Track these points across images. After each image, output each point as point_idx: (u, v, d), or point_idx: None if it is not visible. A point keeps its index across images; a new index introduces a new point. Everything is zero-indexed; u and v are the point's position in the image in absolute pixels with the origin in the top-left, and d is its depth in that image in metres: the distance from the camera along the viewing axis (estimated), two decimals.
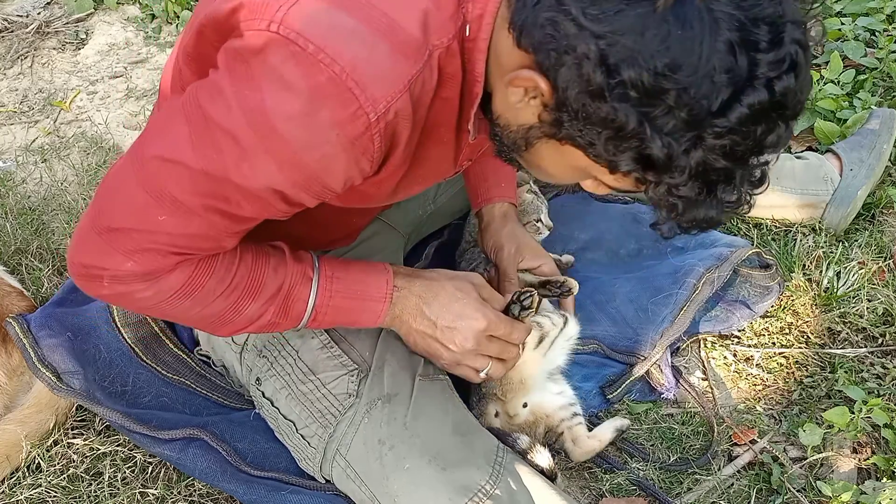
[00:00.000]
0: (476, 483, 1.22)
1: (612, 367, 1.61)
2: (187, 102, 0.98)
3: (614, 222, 1.87)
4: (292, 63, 0.89)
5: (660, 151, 0.85)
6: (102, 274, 1.05)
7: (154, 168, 0.99)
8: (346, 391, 1.31)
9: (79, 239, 1.08)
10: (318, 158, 0.94)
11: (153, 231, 1.01)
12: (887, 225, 1.88)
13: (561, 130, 0.92)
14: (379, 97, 0.91)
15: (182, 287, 1.08)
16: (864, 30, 2.32)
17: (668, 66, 0.80)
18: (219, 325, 1.16)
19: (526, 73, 0.91)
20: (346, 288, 1.21)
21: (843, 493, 1.36)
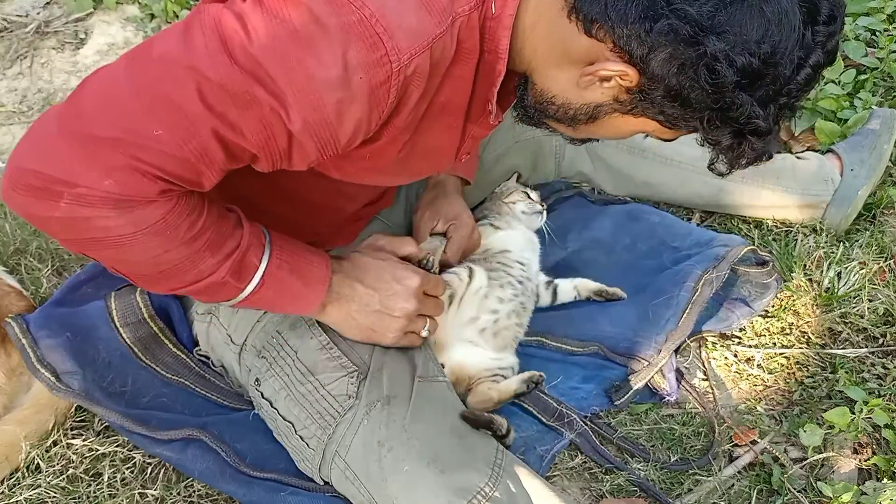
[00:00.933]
0: (475, 485, 1.21)
1: (613, 369, 1.61)
2: (203, 19, 0.93)
3: (609, 219, 1.87)
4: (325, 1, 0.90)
5: (763, 122, 0.97)
6: (64, 191, 0.92)
7: (161, 71, 0.91)
8: (345, 392, 1.31)
9: (39, 144, 0.94)
10: (336, 101, 0.93)
11: (144, 146, 0.91)
12: (888, 225, 1.88)
13: (640, 108, 1.02)
14: (403, 48, 0.92)
15: (157, 222, 0.98)
16: (865, 30, 2.32)
17: (771, 53, 0.92)
18: (168, 275, 1.07)
19: (614, 66, 0.97)
20: (292, 261, 1.18)
21: (843, 494, 1.36)
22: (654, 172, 1.89)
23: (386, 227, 1.65)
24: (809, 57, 0.95)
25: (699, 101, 0.97)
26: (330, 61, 0.91)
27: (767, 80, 0.94)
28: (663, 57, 0.93)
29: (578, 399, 1.56)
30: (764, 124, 0.97)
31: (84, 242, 1.00)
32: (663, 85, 0.96)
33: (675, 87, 0.96)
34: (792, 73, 0.95)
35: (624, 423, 1.55)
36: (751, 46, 0.92)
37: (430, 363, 1.39)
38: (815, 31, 0.94)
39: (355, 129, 0.98)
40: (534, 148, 1.89)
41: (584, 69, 1.00)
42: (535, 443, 1.49)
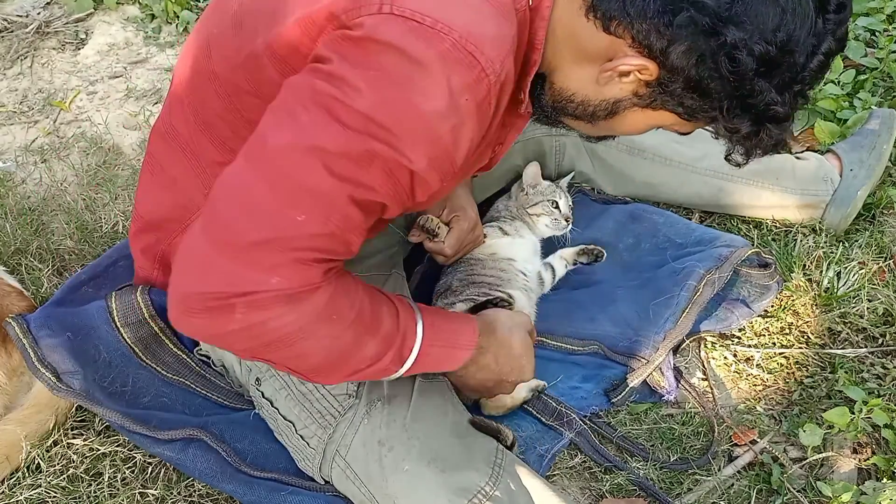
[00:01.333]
0: (475, 485, 1.22)
1: (613, 368, 1.61)
2: (300, 95, 0.96)
3: (611, 219, 1.87)
4: (413, 37, 0.92)
5: (782, 109, 1.00)
6: (237, 302, 0.95)
7: (285, 163, 0.95)
8: (345, 392, 1.31)
9: (199, 269, 0.98)
10: (450, 129, 0.96)
11: (295, 236, 0.95)
12: (887, 225, 1.88)
13: (659, 101, 1.04)
14: (495, 57, 0.95)
15: (324, 308, 1.01)
16: (865, 30, 2.32)
17: (787, 41, 0.95)
18: (338, 364, 1.09)
19: (633, 61, 0.99)
20: (442, 336, 1.20)
21: (843, 494, 1.36)
22: (654, 172, 1.89)
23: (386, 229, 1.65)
24: (822, 44, 0.97)
25: (719, 90, 0.99)
26: (436, 93, 0.93)
27: (784, 68, 0.97)
28: (682, 49, 0.96)
29: (578, 399, 1.56)
30: (782, 110, 1.00)
31: (261, 348, 1.03)
32: (683, 77, 0.99)
33: (694, 78, 0.98)
34: (806, 60, 0.97)
35: (624, 423, 1.55)
36: (767, 35, 0.94)
37: None
38: (825, 20, 0.96)
39: (469, 147, 1.02)
40: (534, 148, 1.90)
41: (604, 65, 1.02)
42: (535, 443, 1.49)
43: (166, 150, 1.32)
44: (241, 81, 1.12)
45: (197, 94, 1.20)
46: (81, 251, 1.83)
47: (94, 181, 2.03)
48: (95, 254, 1.80)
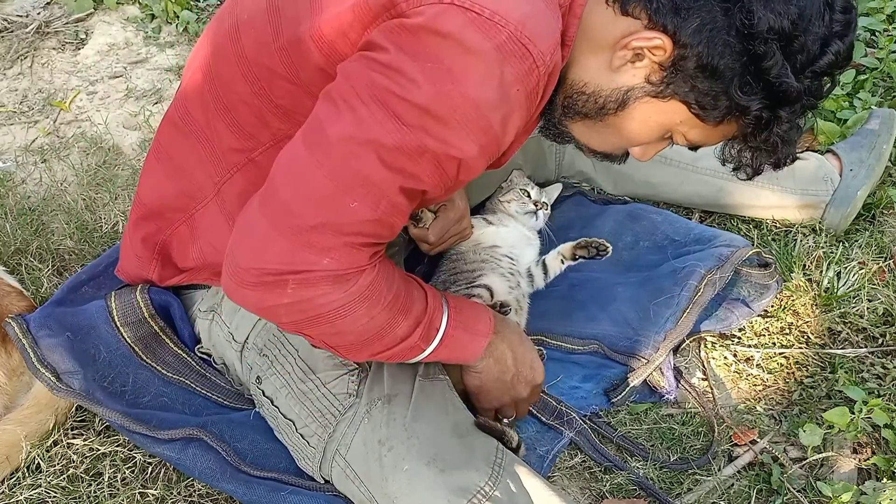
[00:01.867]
0: (475, 484, 1.21)
1: (613, 368, 1.61)
2: (357, 86, 0.99)
3: (610, 219, 1.87)
4: (472, 28, 0.94)
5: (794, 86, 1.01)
6: (290, 279, 1.03)
7: (343, 153, 0.99)
8: (346, 391, 1.31)
9: (256, 245, 1.04)
10: (501, 118, 1.00)
11: (346, 221, 1.02)
12: (887, 225, 1.88)
13: (671, 87, 1.05)
14: (545, 50, 0.99)
15: (366, 289, 1.08)
16: (865, 30, 2.32)
17: (798, 17, 0.98)
18: (371, 341, 1.15)
19: (649, 34, 1.01)
20: (464, 318, 1.25)
21: (843, 494, 1.36)
22: (653, 172, 1.89)
23: None
24: (830, 43, 1.00)
25: (731, 66, 1.01)
26: (491, 84, 0.97)
27: (796, 47, 0.99)
28: (696, 24, 0.99)
29: (578, 398, 1.56)
30: (795, 87, 1.01)
31: (305, 322, 1.10)
32: (696, 53, 1.01)
33: (706, 55, 1.00)
34: (818, 49, 1.00)
35: (624, 423, 1.55)
36: (780, 6, 0.97)
37: (431, 362, 1.39)
38: (833, 18, 0.99)
39: (515, 135, 1.05)
40: (534, 147, 1.90)
41: (619, 41, 1.05)
42: (535, 443, 1.49)
43: (177, 138, 1.32)
44: (277, 66, 1.13)
45: (219, 79, 1.21)
46: (81, 251, 1.83)
47: (94, 181, 2.03)
48: (95, 254, 1.80)
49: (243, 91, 1.19)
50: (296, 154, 1.03)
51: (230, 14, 1.22)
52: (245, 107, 1.20)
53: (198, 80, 1.26)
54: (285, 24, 1.11)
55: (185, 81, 1.31)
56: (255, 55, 1.16)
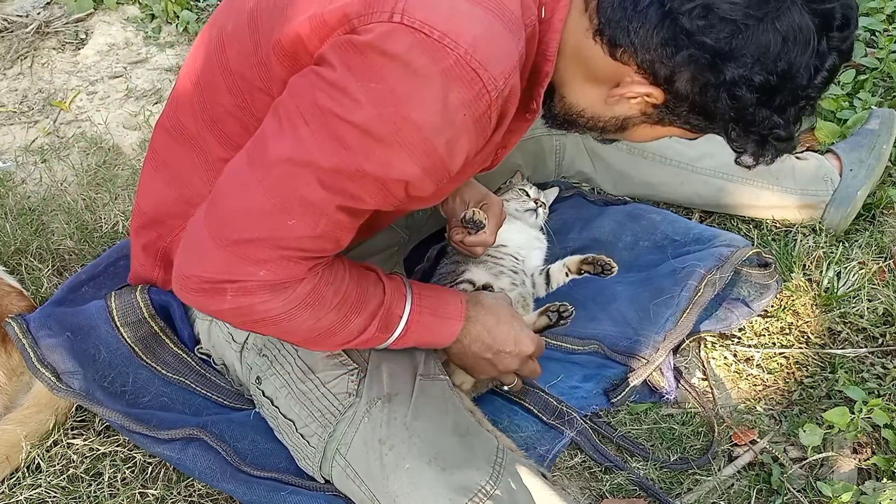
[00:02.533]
0: (476, 483, 1.22)
1: (613, 368, 1.61)
2: (301, 104, 0.99)
3: (609, 219, 1.87)
4: (419, 50, 0.93)
5: (784, 130, 1.02)
6: (228, 287, 1.06)
7: (281, 174, 1.00)
8: (345, 390, 1.31)
9: (197, 254, 1.07)
10: (445, 142, 0.98)
11: (284, 237, 1.03)
12: (887, 225, 1.88)
13: (667, 119, 1.07)
14: (498, 74, 0.96)
15: (306, 297, 1.10)
16: (865, 30, 2.32)
17: (787, 69, 0.96)
18: (325, 337, 1.18)
19: (639, 89, 1.03)
20: (430, 304, 1.27)
21: (843, 494, 1.36)
22: (653, 172, 1.89)
23: (387, 228, 1.65)
24: (825, 63, 0.98)
25: (723, 113, 1.01)
26: (434, 108, 0.95)
27: (785, 93, 0.99)
28: (686, 78, 0.99)
29: (579, 398, 1.56)
30: (785, 132, 1.02)
31: (251, 324, 1.14)
32: (688, 102, 1.02)
33: (699, 103, 1.01)
34: (809, 80, 0.98)
35: (624, 423, 1.55)
36: (768, 65, 0.95)
37: (432, 361, 1.39)
38: (829, 38, 0.97)
39: (465, 158, 1.04)
40: (534, 148, 1.90)
41: (612, 91, 1.06)
42: (535, 443, 1.49)
43: (171, 145, 1.32)
44: (256, 79, 1.14)
45: (207, 89, 1.21)
46: (81, 251, 1.83)
47: (94, 181, 2.03)
48: (95, 254, 1.80)
49: (228, 103, 1.19)
50: (239, 168, 1.04)
51: (217, 24, 1.22)
52: (231, 118, 1.21)
53: (188, 89, 1.26)
54: (263, 36, 1.11)
55: (176, 89, 1.31)
56: (238, 68, 1.16)
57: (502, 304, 1.38)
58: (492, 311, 1.35)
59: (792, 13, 0.94)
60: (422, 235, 1.81)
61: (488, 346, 1.33)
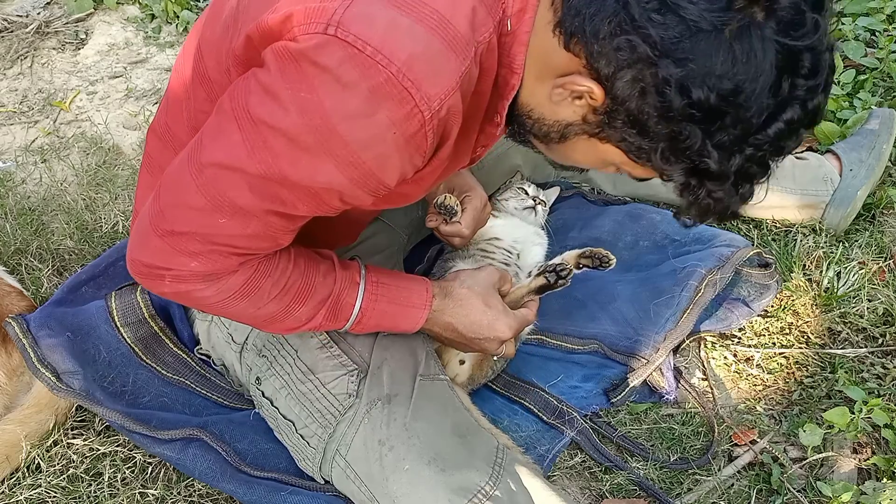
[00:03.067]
0: (475, 484, 1.22)
1: (613, 368, 1.61)
2: (237, 107, 0.99)
3: (609, 219, 1.87)
4: (350, 64, 0.91)
5: (715, 164, 0.94)
6: (165, 274, 1.09)
7: (212, 175, 1.01)
8: (345, 391, 1.31)
9: (139, 239, 1.11)
10: (374, 157, 0.97)
11: (214, 234, 1.05)
12: (887, 225, 1.88)
13: (605, 132, 1.00)
14: (433, 95, 0.94)
15: (241, 288, 1.12)
16: (865, 30, 2.32)
17: (732, 91, 0.89)
18: (269, 323, 1.21)
19: (582, 81, 0.97)
20: (389, 293, 1.27)
21: (843, 494, 1.36)
22: None
23: (386, 227, 1.65)
24: (784, 110, 0.91)
25: (656, 131, 0.94)
26: (360, 124, 0.94)
27: (728, 122, 0.91)
28: (627, 79, 0.92)
29: (579, 398, 1.56)
30: (716, 167, 0.94)
31: (196, 307, 1.23)
32: (625, 108, 0.95)
33: (634, 112, 0.94)
34: (761, 123, 0.91)
35: (624, 423, 1.55)
36: (711, 80, 0.88)
37: (432, 361, 1.39)
38: (794, 83, 0.90)
39: (401, 174, 1.02)
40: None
41: (556, 80, 1.00)
42: (535, 442, 1.49)
43: (164, 150, 1.32)
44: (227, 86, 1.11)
45: (191, 98, 1.21)
46: (81, 251, 1.83)
47: (94, 181, 2.03)
48: (95, 254, 1.80)
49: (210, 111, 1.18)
50: (180, 163, 1.06)
51: (197, 31, 1.22)
52: None
53: (175, 96, 1.26)
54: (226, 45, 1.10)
55: (165, 96, 1.31)
56: (215, 75, 1.15)
57: (475, 293, 1.34)
58: (462, 303, 1.33)
59: (753, 37, 0.87)
60: (422, 235, 1.81)
61: (460, 333, 1.33)
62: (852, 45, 2.20)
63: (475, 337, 1.33)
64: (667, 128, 0.93)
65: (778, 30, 0.88)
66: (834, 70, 0.95)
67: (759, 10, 0.87)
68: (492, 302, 1.35)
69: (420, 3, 0.94)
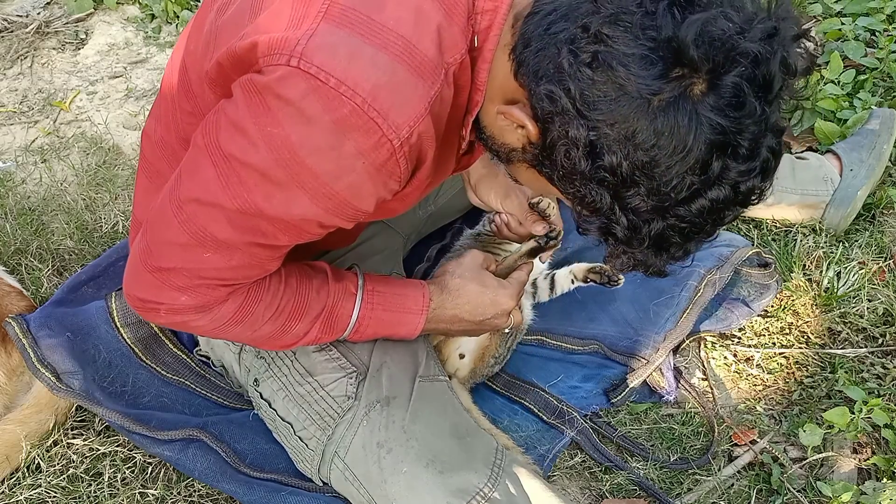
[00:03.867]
0: (474, 486, 1.22)
1: (613, 368, 1.61)
2: (209, 143, 0.99)
3: None
4: (313, 97, 0.90)
5: (622, 231, 0.93)
6: (159, 307, 1.12)
7: (191, 211, 1.02)
8: (344, 393, 1.31)
9: (132, 275, 1.13)
10: (346, 186, 0.97)
11: (200, 268, 1.06)
12: (887, 225, 1.88)
13: (543, 167, 0.98)
14: (401, 123, 0.93)
15: (233, 315, 1.13)
16: (865, 30, 2.31)
17: (647, 164, 0.86)
18: (268, 342, 1.23)
19: (518, 114, 0.95)
20: (385, 301, 1.27)
21: (843, 494, 1.36)
22: None
23: (385, 228, 1.65)
24: (710, 189, 0.87)
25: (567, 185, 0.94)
26: (328, 156, 0.93)
27: (642, 191, 0.88)
28: (558, 126, 0.89)
29: (579, 398, 1.57)
30: (623, 233, 0.93)
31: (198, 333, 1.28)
32: (556, 154, 0.92)
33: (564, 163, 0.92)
34: (683, 198, 0.88)
35: (624, 423, 1.55)
36: (626, 148, 0.85)
37: (432, 362, 1.39)
38: (725, 165, 0.86)
39: (378, 200, 1.02)
40: None
41: (499, 106, 0.99)
42: (536, 442, 1.49)
43: (159, 154, 1.31)
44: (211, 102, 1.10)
45: (177, 109, 1.20)
46: (81, 251, 1.83)
47: (94, 181, 2.03)
48: (95, 254, 1.80)
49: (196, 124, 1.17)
50: (163, 199, 1.07)
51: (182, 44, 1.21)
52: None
53: (165, 105, 1.25)
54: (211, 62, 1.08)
55: (156, 103, 1.31)
56: (198, 89, 1.14)
57: (467, 279, 1.33)
58: (459, 292, 1.32)
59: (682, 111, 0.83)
60: (421, 235, 1.81)
61: (468, 321, 1.33)
62: (852, 45, 2.20)
63: (483, 318, 1.33)
64: (573, 186, 0.93)
65: (715, 107, 0.83)
66: (779, 154, 0.90)
67: (701, 82, 0.83)
68: (486, 281, 1.34)
69: (384, 29, 0.92)
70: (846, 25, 2.30)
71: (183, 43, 1.21)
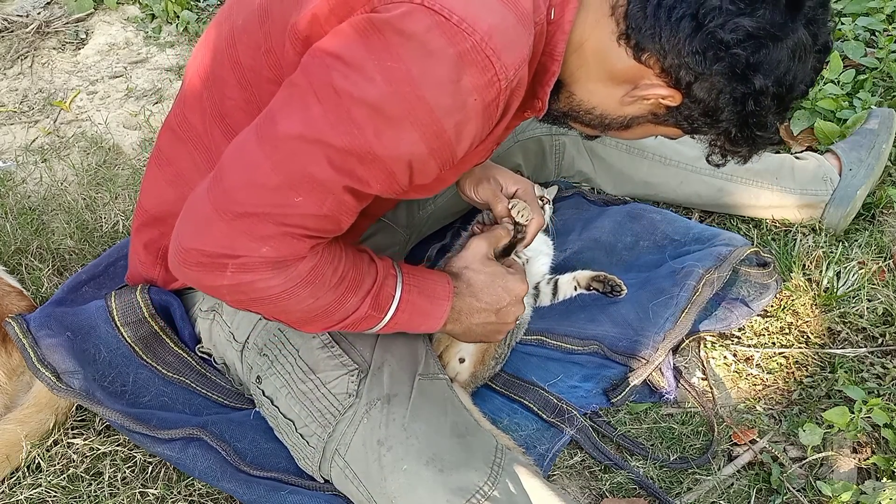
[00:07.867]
0: (474, 485, 1.22)
1: (612, 368, 1.61)
2: (315, 82, 0.99)
3: (609, 219, 1.87)
4: (437, 31, 0.94)
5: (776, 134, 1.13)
6: (228, 263, 1.05)
7: (290, 149, 1.00)
8: (345, 391, 1.31)
9: (199, 226, 1.06)
10: (454, 124, 1.00)
11: (289, 214, 1.02)
12: (887, 225, 1.88)
13: (672, 119, 1.13)
14: (509, 65, 0.98)
15: (307, 275, 1.09)
16: (864, 30, 2.32)
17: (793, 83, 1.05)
18: (320, 317, 1.17)
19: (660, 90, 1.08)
20: (420, 284, 1.26)
21: (843, 493, 1.36)
22: (653, 172, 1.89)
23: (387, 226, 1.65)
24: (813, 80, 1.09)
25: (730, 119, 1.09)
26: (447, 90, 0.97)
27: (787, 102, 1.08)
28: (707, 85, 1.04)
29: (578, 398, 1.57)
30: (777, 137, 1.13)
31: (248, 302, 1.12)
32: (703, 105, 1.07)
33: (712, 108, 1.07)
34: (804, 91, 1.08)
35: (624, 422, 1.55)
36: (781, 78, 1.04)
37: (432, 360, 1.39)
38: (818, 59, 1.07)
39: (470, 143, 1.05)
40: (534, 148, 1.90)
41: (631, 91, 1.10)
42: (535, 441, 1.49)
43: (176, 145, 1.32)
44: (264, 69, 1.14)
45: (216, 85, 1.22)
46: (81, 251, 1.83)
47: (94, 181, 2.03)
48: (95, 254, 1.80)
49: (238, 97, 1.20)
50: (246, 142, 1.04)
51: (227, 20, 1.23)
52: (240, 112, 1.21)
53: (196, 87, 1.26)
54: (274, 26, 1.12)
55: (184, 88, 1.31)
56: (248, 61, 1.16)
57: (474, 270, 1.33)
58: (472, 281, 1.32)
59: (798, 33, 1.02)
60: (422, 235, 1.81)
61: (486, 310, 1.31)
62: (852, 45, 2.20)
63: (500, 307, 1.32)
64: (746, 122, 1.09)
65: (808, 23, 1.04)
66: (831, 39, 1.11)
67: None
68: (495, 269, 1.34)
69: None
70: (846, 25, 2.30)
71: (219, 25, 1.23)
